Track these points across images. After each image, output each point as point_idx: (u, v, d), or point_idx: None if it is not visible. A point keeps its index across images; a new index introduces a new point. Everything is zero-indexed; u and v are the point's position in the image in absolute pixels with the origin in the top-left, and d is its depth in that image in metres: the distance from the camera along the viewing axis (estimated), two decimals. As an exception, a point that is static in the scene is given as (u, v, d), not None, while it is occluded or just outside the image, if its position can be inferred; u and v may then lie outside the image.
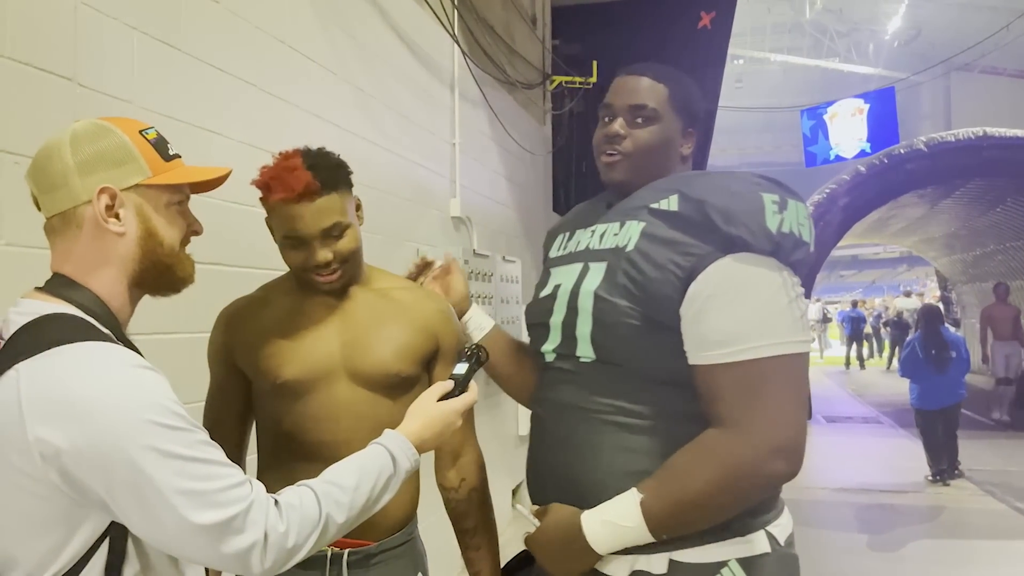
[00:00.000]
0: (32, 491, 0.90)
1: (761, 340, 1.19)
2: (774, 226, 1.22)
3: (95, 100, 1.78)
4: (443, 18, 3.99)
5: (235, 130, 2.31)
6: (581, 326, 1.32)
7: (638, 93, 1.39)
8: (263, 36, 2.50)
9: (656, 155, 1.39)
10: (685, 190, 1.29)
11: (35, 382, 0.90)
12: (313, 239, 1.42)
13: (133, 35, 1.92)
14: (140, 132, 1.06)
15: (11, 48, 1.57)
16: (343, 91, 3.04)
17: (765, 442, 1.18)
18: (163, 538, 0.94)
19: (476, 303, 1.75)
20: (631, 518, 1.21)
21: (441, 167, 4.08)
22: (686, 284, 1.23)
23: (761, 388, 1.19)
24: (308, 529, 1.02)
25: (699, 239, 1.24)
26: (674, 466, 1.22)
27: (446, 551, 1.65)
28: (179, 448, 0.92)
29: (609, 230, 1.37)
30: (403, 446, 1.20)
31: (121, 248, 1.03)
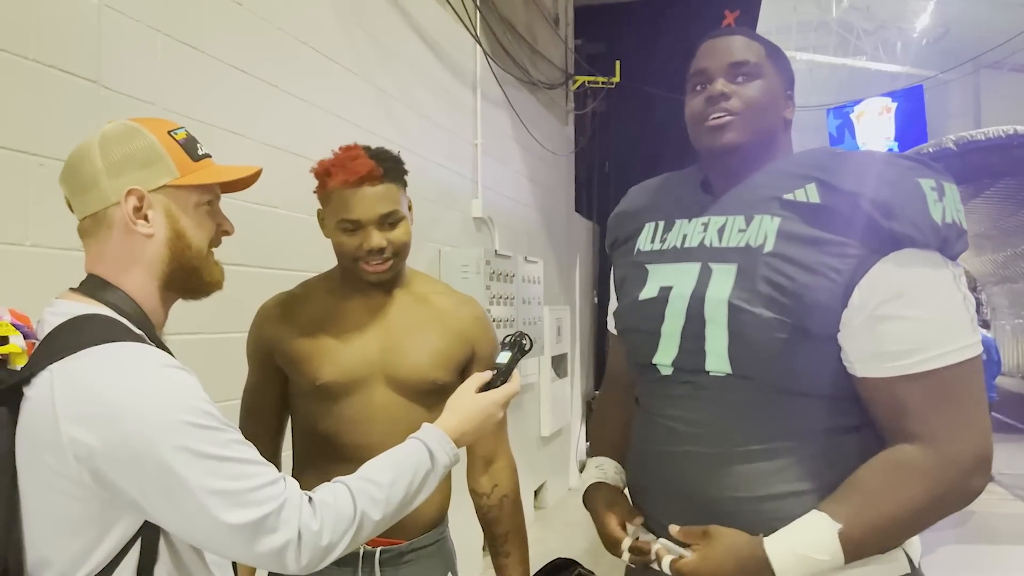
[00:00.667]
0: (66, 491, 0.90)
1: (946, 347, 1.08)
2: (939, 217, 1.09)
3: (119, 102, 1.80)
4: (465, 19, 3.99)
5: (257, 131, 2.33)
6: (713, 340, 1.17)
7: (734, 50, 1.25)
8: (286, 38, 2.51)
9: (767, 114, 1.23)
10: (824, 177, 1.15)
11: (68, 383, 0.90)
12: (370, 223, 1.44)
13: (157, 37, 1.94)
14: (169, 133, 1.06)
15: (36, 51, 1.59)
16: (365, 92, 3.04)
17: (968, 456, 1.09)
18: (198, 537, 0.94)
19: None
20: (828, 550, 1.07)
21: (463, 168, 4.08)
22: (848, 290, 1.09)
23: (952, 397, 1.09)
24: (343, 527, 1.01)
25: (854, 237, 1.10)
26: (868, 487, 1.09)
27: (472, 550, 1.65)
28: (211, 447, 0.92)
29: (731, 225, 1.21)
30: (441, 440, 1.17)
31: (150, 249, 1.03)
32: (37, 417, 0.90)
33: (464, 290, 3.90)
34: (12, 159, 1.54)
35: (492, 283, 3.84)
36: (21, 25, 1.57)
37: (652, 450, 1.29)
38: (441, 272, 3.69)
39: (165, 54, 1.96)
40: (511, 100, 4.68)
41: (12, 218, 1.54)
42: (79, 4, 1.71)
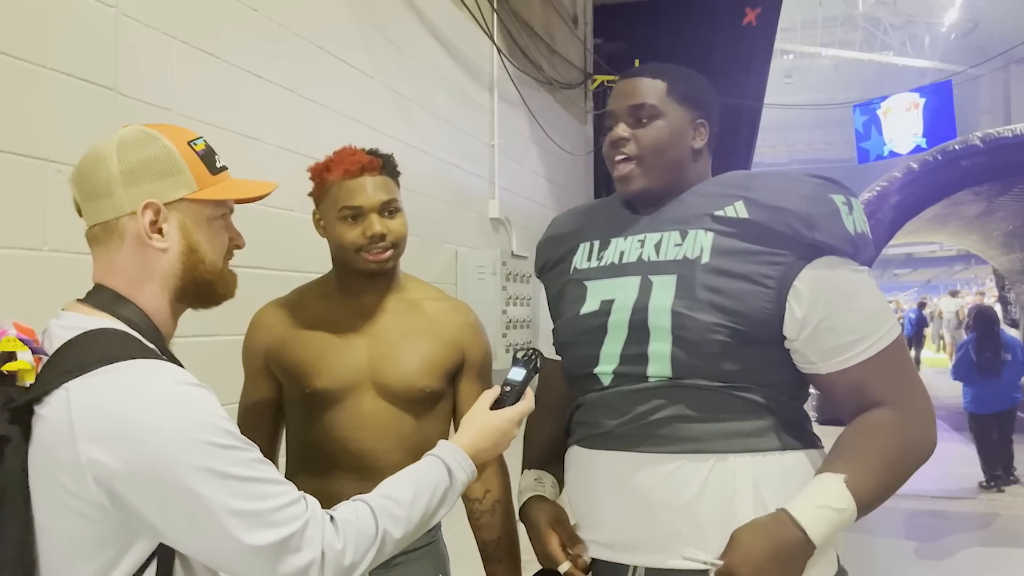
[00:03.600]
0: (82, 513, 0.88)
1: (883, 328, 1.25)
2: (851, 228, 1.25)
3: (136, 109, 1.83)
4: (482, 20, 4.00)
5: (273, 136, 2.35)
6: (655, 345, 1.26)
7: (635, 93, 1.35)
8: (301, 42, 2.54)
9: (666, 152, 1.33)
10: (749, 195, 1.27)
11: (86, 402, 0.88)
12: (372, 211, 1.48)
13: (173, 44, 1.97)
14: (189, 143, 1.03)
15: (54, 59, 1.63)
16: (382, 95, 3.07)
17: (924, 411, 1.27)
18: (219, 559, 0.92)
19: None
20: (843, 499, 1.18)
21: (480, 169, 4.09)
22: (780, 295, 1.23)
23: (898, 368, 1.26)
24: (365, 545, 0.99)
25: (780, 247, 1.23)
26: (854, 446, 1.23)
27: (474, 557, 1.66)
28: (232, 468, 0.90)
29: (667, 240, 1.31)
30: (458, 457, 1.17)
31: (163, 263, 1.01)
32: (53, 436, 0.88)
33: (480, 291, 3.88)
34: (31, 166, 1.58)
35: (509, 284, 3.85)
36: (40, 34, 1.60)
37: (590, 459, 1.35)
38: (457, 273, 3.71)
39: (181, 61, 1.99)
40: (528, 100, 4.69)
41: (30, 224, 1.58)
42: (96, 13, 1.74)
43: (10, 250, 1.53)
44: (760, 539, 1.17)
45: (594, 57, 6.25)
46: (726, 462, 1.24)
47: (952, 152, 8.97)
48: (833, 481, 1.19)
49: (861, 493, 1.19)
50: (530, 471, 1.51)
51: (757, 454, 1.24)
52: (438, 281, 3.36)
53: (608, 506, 1.32)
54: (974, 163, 8.75)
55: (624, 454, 1.29)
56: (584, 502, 1.37)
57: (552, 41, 5.33)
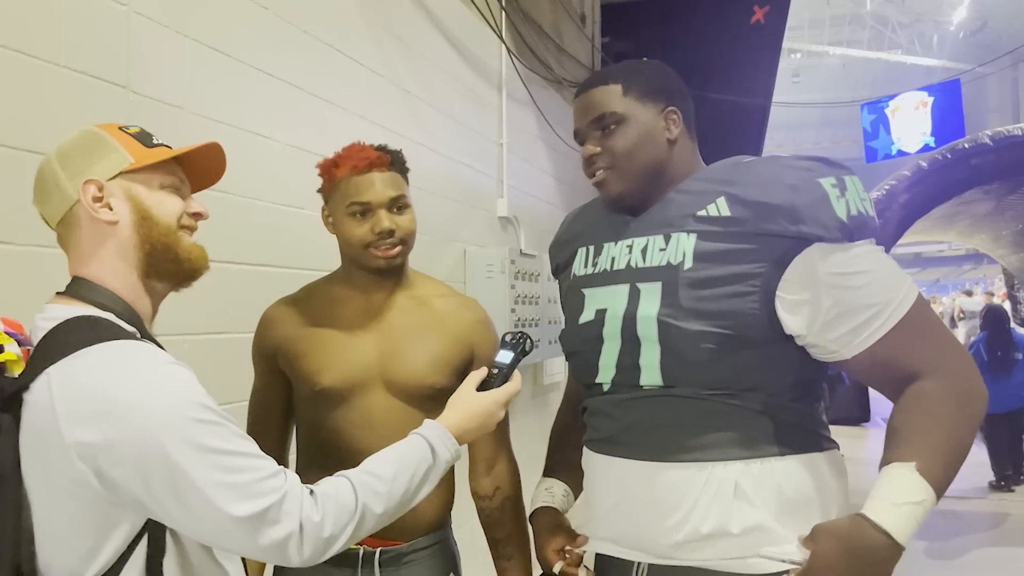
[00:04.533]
0: (71, 492, 0.92)
1: (900, 291, 1.20)
2: (843, 213, 1.19)
3: (147, 106, 1.83)
4: (491, 19, 4.00)
5: (284, 134, 2.36)
6: (646, 355, 1.24)
7: (592, 106, 1.33)
8: (312, 41, 2.54)
9: (639, 154, 1.30)
10: (732, 190, 1.23)
11: (66, 384, 0.91)
12: (380, 206, 1.47)
13: (184, 42, 1.97)
14: (120, 128, 1.09)
15: (66, 57, 1.63)
16: (391, 93, 3.07)
17: (968, 367, 1.21)
18: (201, 530, 0.95)
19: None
20: (920, 489, 1.12)
21: (488, 167, 4.09)
22: (767, 295, 1.19)
23: (925, 331, 1.20)
24: (344, 519, 1.02)
25: (764, 245, 1.19)
26: (911, 426, 1.17)
27: (484, 554, 1.66)
28: (212, 441, 0.93)
29: (652, 244, 1.28)
30: (442, 436, 1.19)
31: (118, 236, 1.04)
32: (39, 420, 0.92)
33: (489, 290, 3.89)
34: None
35: (517, 282, 3.85)
36: (52, 32, 1.60)
37: (594, 462, 1.37)
38: (466, 271, 3.71)
39: (192, 58, 2.00)
40: (536, 99, 4.69)
41: (41, 221, 1.58)
42: (108, 11, 1.75)
43: (27, 247, 1.53)
44: (839, 550, 1.12)
45: (602, 55, 6.24)
46: (718, 470, 1.21)
47: (961, 150, 8.94)
48: (904, 471, 1.13)
49: (935, 475, 1.13)
50: (544, 479, 1.53)
51: (752, 461, 1.21)
52: (447, 279, 3.36)
53: (610, 508, 1.32)
54: (984, 161, 8.72)
55: (622, 460, 1.30)
56: (591, 500, 1.40)
57: (560, 40, 5.33)
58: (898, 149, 14.28)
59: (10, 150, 1.51)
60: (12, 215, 1.51)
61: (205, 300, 1.14)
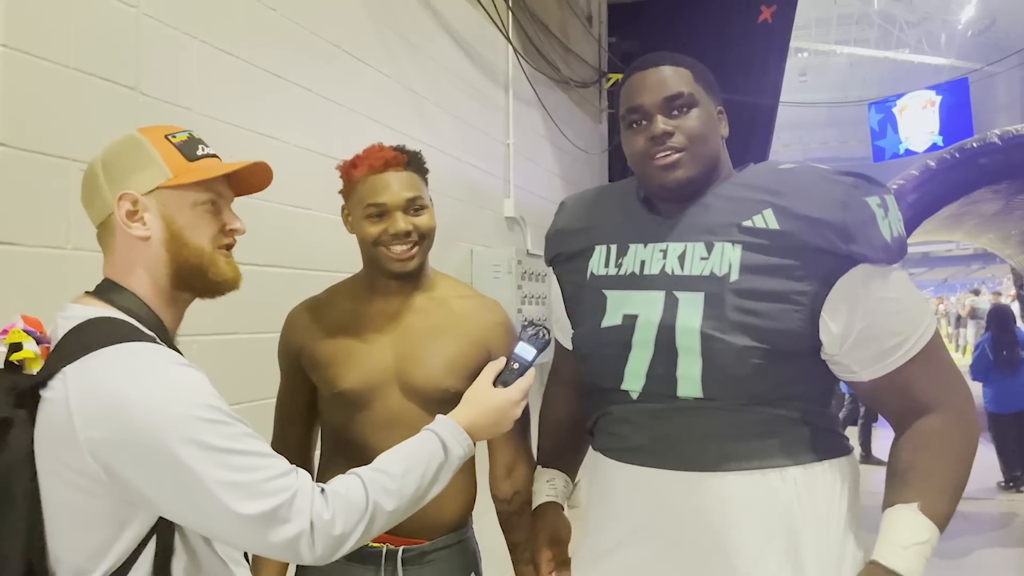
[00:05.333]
0: (83, 488, 0.93)
1: (920, 327, 1.21)
2: (888, 234, 1.18)
3: (157, 108, 1.84)
4: (497, 19, 4.01)
5: (292, 135, 2.37)
6: (686, 367, 1.20)
7: (666, 83, 1.26)
8: (319, 42, 2.55)
9: (709, 140, 1.26)
10: (779, 201, 1.19)
11: (81, 383, 0.93)
12: (396, 208, 1.47)
13: (193, 44, 1.98)
14: (167, 136, 1.08)
15: (76, 59, 1.64)
16: (398, 94, 3.07)
17: (970, 407, 1.25)
18: (211, 529, 0.97)
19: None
20: (924, 529, 1.15)
21: (495, 167, 4.09)
22: (813, 312, 1.18)
23: (939, 365, 1.23)
24: (355, 517, 1.02)
25: (813, 261, 1.17)
26: (916, 464, 1.20)
27: (499, 553, 1.66)
28: (220, 440, 0.94)
29: (692, 252, 1.24)
30: (454, 432, 1.19)
31: (149, 251, 1.06)
32: (54, 417, 0.93)
33: (496, 290, 3.88)
34: (54, 164, 1.59)
35: (524, 283, 3.86)
36: (62, 35, 1.61)
37: (617, 472, 1.32)
38: (473, 272, 3.71)
39: (201, 60, 2.01)
40: (543, 99, 4.69)
41: (54, 222, 1.59)
42: (118, 13, 1.76)
43: (35, 248, 1.55)
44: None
45: (609, 55, 6.24)
46: (761, 478, 1.20)
47: (970, 150, 8.90)
48: (908, 513, 1.16)
49: (937, 513, 1.17)
50: (544, 470, 1.51)
51: (793, 467, 1.21)
52: (454, 280, 3.37)
53: (644, 521, 1.28)
54: (992, 161, 8.68)
55: (654, 471, 1.26)
56: (604, 513, 1.35)
57: (567, 40, 5.33)
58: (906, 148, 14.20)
59: (21, 152, 1.52)
60: (21, 216, 1.52)
61: (214, 301, 1.14)
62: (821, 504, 1.22)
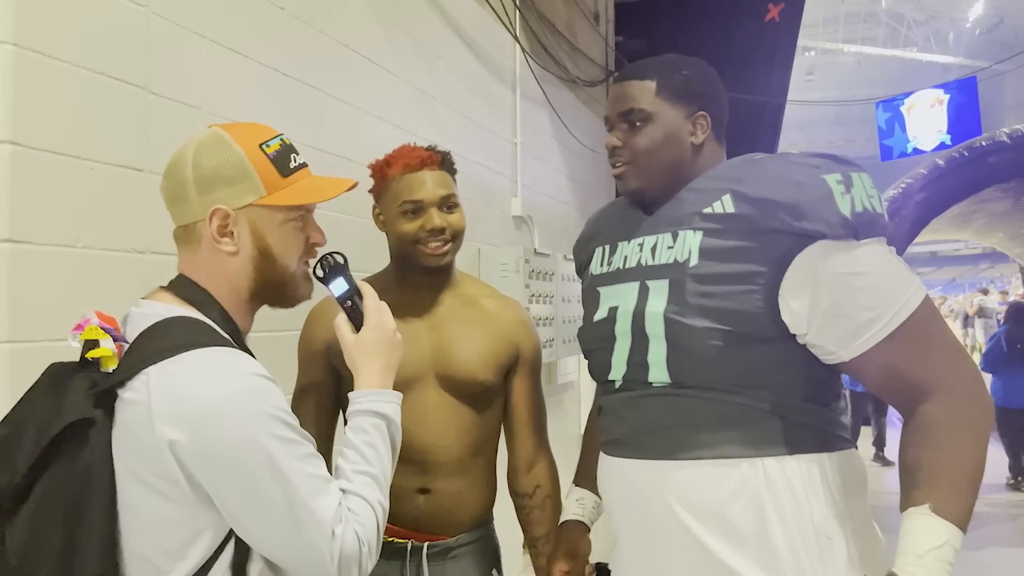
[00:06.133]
0: (162, 491, 0.93)
1: (903, 295, 1.17)
2: (847, 210, 1.17)
3: (167, 107, 1.85)
4: (504, 18, 4.00)
5: (300, 133, 2.36)
6: (654, 352, 1.25)
7: (624, 99, 1.34)
8: (327, 41, 2.55)
9: (660, 154, 1.31)
10: (738, 187, 1.23)
11: (164, 386, 0.93)
12: (432, 204, 1.51)
13: (202, 43, 1.98)
14: (261, 145, 1.05)
15: (86, 58, 1.64)
16: (406, 93, 3.07)
17: (972, 382, 1.18)
18: (268, 546, 0.96)
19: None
20: (940, 532, 1.10)
21: (503, 166, 4.09)
22: (770, 292, 1.18)
23: (929, 340, 1.17)
24: (373, 532, 1.03)
25: (767, 242, 1.18)
26: (923, 462, 1.15)
27: (511, 547, 1.67)
28: (293, 462, 0.95)
29: (661, 242, 1.29)
30: (369, 396, 1.13)
31: (235, 265, 1.05)
32: (135, 419, 0.93)
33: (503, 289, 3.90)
34: (64, 163, 1.59)
35: (531, 281, 3.85)
36: (73, 34, 1.62)
37: (605, 466, 1.37)
38: (480, 271, 3.71)
39: (211, 59, 2.01)
40: (550, 98, 4.68)
41: (64, 220, 1.59)
42: (128, 12, 1.76)
43: (44, 247, 1.55)
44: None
45: (616, 54, 6.24)
46: (729, 469, 1.21)
47: (979, 148, 8.86)
48: (920, 517, 1.11)
49: (953, 510, 1.11)
50: (575, 489, 1.55)
51: (764, 459, 1.20)
52: (461, 279, 3.37)
53: (616, 513, 1.34)
54: (1001, 159, 8.64)
55: (628, 461, 1.30)
56: (607, 510, 1.41)
57: (574, 38, 5.33)
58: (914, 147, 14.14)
59: (32, 151, 1.53)
60: (32, 215, 1.53)
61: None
62: (797, 499, 1.19)
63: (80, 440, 0.91)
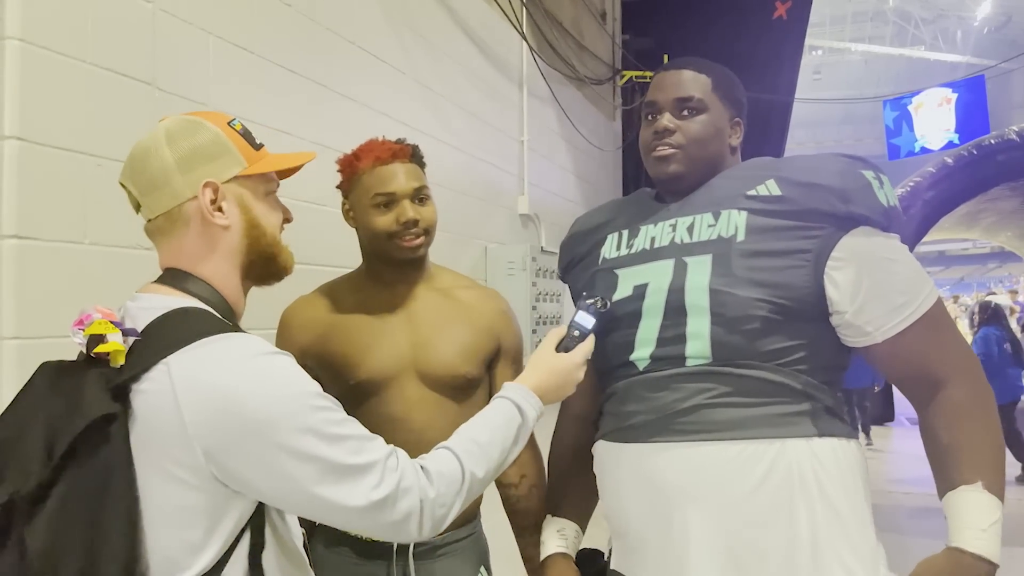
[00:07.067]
0: (188, 481, 0.92)
1: (927, 287, 1.25)
2: (884, 201, 1.25)
3: (173, 103, 1.84)
4: (512, 16, 4.00)
5: (306, 130, 2.36)
6: (693, 325, 1.24)
7: (682, 85, 1.36)
8: (334, 38, 2.55)
9: (709, 146, 1.35)
10: (780, 174, 1.28)
11: (187, 375, 0.91)
12: (404, 196, 1.49)
13: (209, 39, 1.98)
14: (228, 124, 1.07)
15: (93, 54, 1.64)
16: (413, 90, 3.07)
17: (985, 380, 1.27)
18: (322, 515, 0.97)
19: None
20: (995, 507, 1.16)
21: (510, 165, 4.08)
22: (817, 268, 1.22)
23: (946, 328, 1.26)
24: (454, 488, 1.04)
25: (815, 221, 1.23)
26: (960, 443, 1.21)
27: (504, 544, 1.65)
28: (329, 428, 0.95)
29: (700, 221, 1.30)
30: (525, 395, 1.21)
31: (228, 240, 1.05)
32: (157, 410, 0.91)
33: (510, 287, 3.87)
34: (71, 159, 1.59)
35: (538, 280, 3.84)
36: (79, 30, 1.62)
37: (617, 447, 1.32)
38: (487, 269, 3.71)
39: (217, 56, 2.01)
40: (557, 96, 4.68)
41: (71, 217, 1.59)
42: (134, 9, 1.76)
43: (51, 242, 1.55)
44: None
45: (623, 53, 6.22)
46: (756, 447, 1.20)
47: (987, 146, 8.80)
48: (975, 494, 1.17)
49: (998, 487, 1.18)
50: (553, 519, 1.48)
51: (788, 440, 1.20)
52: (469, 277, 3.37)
53: (633, 502, 1.29)
54: (1010, 157, 8.57)
55: (651, 444, 1.25)
56: (611, 501, 1.36)
57: (581, 37, 5.32)
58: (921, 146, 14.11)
59: (39, 146, 1.52)
60: (39, 210, 1.52)
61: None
62: (824, 481, 1.20)
63: (101, 437, 0.90)
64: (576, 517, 1.48)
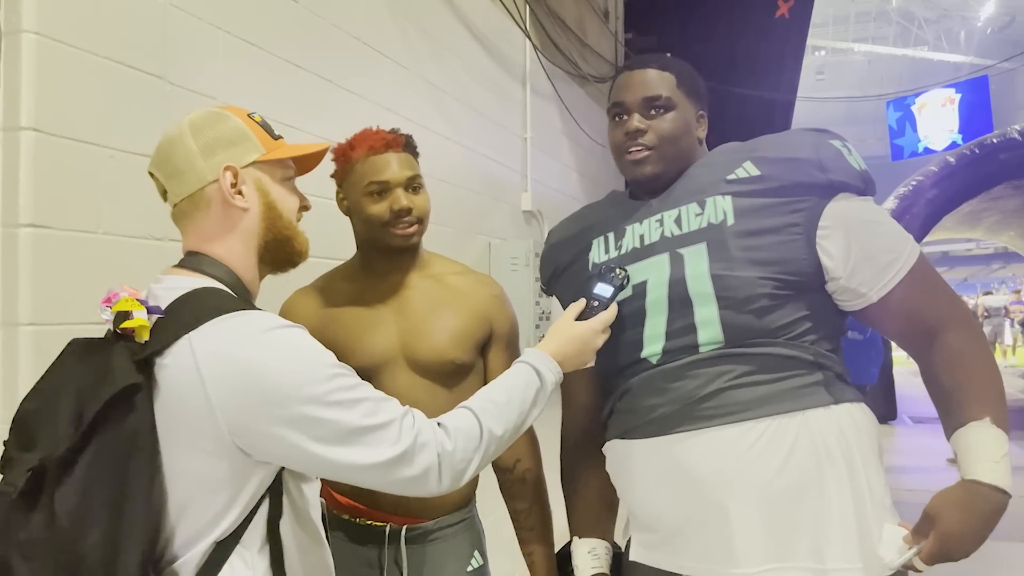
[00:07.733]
0: (210, 451, 0.97)
1: (909, 243, 1.30)
2: (856, 165, 1.30)
3: (183, 96, 1.88)
4: (515, 13, 4.03)
5: (312, 124, 2.40)
6: (701, 313, 1.25)
7: (648, 85, 1.37)
8: (340, 34, 2.58)
9: (680, 142, 1.37)
10: (756, 155, 1.31)
11: (210, 349, 0.97)
12: (398, 185, 1.51)
13: (218, 34, 2.01)
14: (248, 115, 1.14)
15: (105, 48, 1.68)
16: (417, 86, 3.10)
17: (977, 322, 1.34)
18: (344, 475, 1.02)
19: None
20: (1004, 440, 1.21)
21: (512, 161, 4.11)
22: (809, 239, 1.26)
23: (934, 279, 1.30)
24: (473, 444, 1.09)
25: (798, 194, 1.27)
26: (961, 383, 1.25)
27: (504, 530, 1.68)
28: (346, 393, 1.00)
29: (687, 212, 1.32)
30: (544, 360, 1.25)
31: (246, 222, 1.10)
32: (180, 383, 0.97)
33: (513, 282, 3.89)
34: (85, 151, 1.63)
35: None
36: (92, 24, 1.65)
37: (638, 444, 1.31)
38: (491, 264, 3.74)
39: (226, 51, 2.04)
40: (560, 93, 4.71)
41: (85, 208, 1.63)
42: (146, 3, 1.79)
43: (67, 232, 1.58)
44: (966, 519, 1.18)
45: (626, 51, 6.25)
46: (780, 421, 1.22)
47: (990, 145, 8.81)
48: (984, 429, 1.21)
49: (1004, 422, 1.22)
50: (583, 540, 1.46)
51: (808, 411, 1.23)
52: (472, 272, 3.39)
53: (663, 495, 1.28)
54: (1013, 156, 8.59)
55: (676, 435, 1.25)
56: (637, 497, 1.35)
57: (584, 35, 5.35)
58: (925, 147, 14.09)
59: (53, 137, 1.56)
60: (53, 200, 1.56)
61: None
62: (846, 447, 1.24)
63: (127, 406, 0.94)
64: (602, 533, 1.47)
